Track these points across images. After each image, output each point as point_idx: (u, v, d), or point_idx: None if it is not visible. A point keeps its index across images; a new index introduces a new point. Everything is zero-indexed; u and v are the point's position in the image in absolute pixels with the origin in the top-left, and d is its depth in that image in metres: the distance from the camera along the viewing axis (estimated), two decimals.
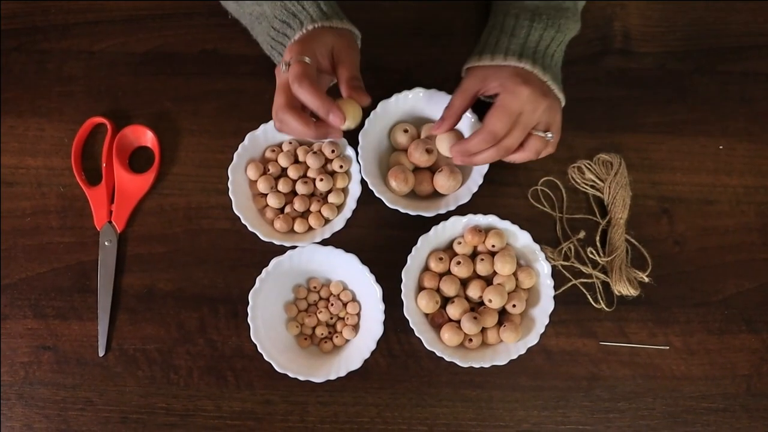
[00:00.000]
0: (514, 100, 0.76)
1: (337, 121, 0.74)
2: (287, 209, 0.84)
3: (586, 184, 0.87)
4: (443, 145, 0.83)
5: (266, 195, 0.84)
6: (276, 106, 0.75)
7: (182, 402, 0.82)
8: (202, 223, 0.86)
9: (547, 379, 0.83)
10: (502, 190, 0.86)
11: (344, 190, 0.85)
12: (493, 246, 0.81)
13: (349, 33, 0.80)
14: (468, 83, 0.80)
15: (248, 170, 0.84)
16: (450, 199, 0.84)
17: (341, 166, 0.84)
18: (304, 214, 0.84)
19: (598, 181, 0.86)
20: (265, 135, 0.85)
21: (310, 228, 0.84)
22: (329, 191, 0.85)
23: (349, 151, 0.84)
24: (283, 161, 0.85)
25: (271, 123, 0.84)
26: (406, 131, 0.85)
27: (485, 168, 0.83)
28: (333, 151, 0.84)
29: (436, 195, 0.86)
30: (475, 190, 0.83)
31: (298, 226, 0.83)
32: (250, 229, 0.82)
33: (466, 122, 0.84)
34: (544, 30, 0.80)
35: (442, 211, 0.82)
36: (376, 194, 0.82)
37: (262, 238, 0.82)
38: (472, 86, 0.80)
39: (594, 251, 0.84)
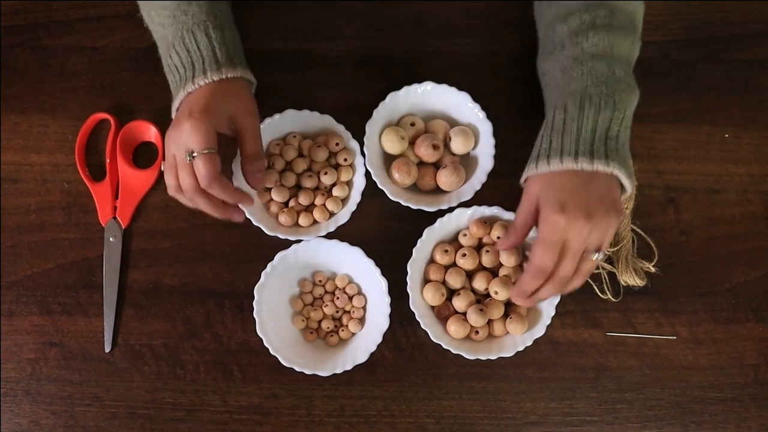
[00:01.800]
0: (553, 233, 0.71)
1: (248, 206, 0.81)
2: (292, 203, 0.84)
3: None
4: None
5: (270, 189, 0.84)
6: (186, 187, 0.75)
7: (189, 397, 0.82)
8: (206, 217, 0.85)
9: (553, 371, 0.83)
10: (506, 182, 0.86)
11: (349, 183, 0.85)
12: (499, 237, 0.81)
13: (241, 83, 0.78)
14: (527, 199, 0.75)
15: None
16: (452, 195, 0.84)
17: (345, 159, 0.84)
18: (309, 208, 0.84)
19: None
20: (268, 129, 0.85)
21: (315, 222, 0.84)
22: (333, 184, 0.84)
23: (354, 144, 0.84)
24: (287, 155, 0.84)
25: (276, 117, 0.84)
26: (413, 124, 0.85)
27: (489, 166, 0.83)
28: (337, 144, 0.84)
29: (438, 190, 0.86)
30: (478, 188, 0.83)
31: (303, 220, 0.83)
32: (254, 223, 0.82)
33: (472, 115, 0.84)
34: (598, 114, 0.74)
35: (444, 207, 0.82)
36: (379, 185, 0.82)
37: (267, 232, 0.82)
38: (530, 203, 0.75)
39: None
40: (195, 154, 0.73)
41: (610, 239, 0.74)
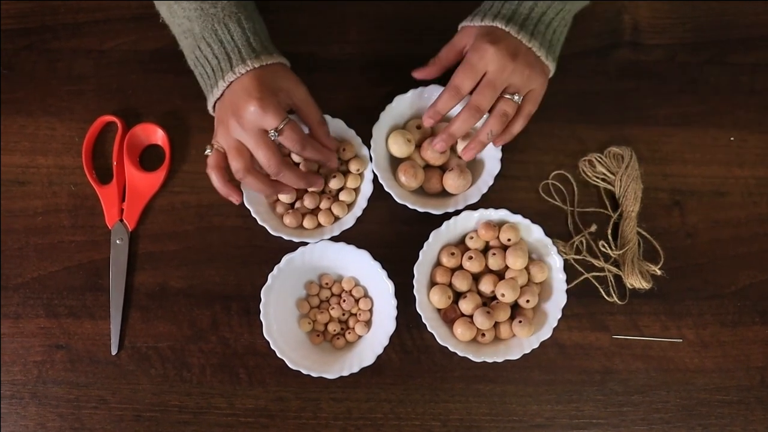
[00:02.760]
0: (479, 58, 0.78)
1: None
2: (297, 205, 0.84)
3: (597, 178, 0.86)
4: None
5: None
6: (272, 163, 0.77)
7: (195, 399, 0.82)
8: (213, 220, 0.86)
9: (560, 373, 0.83)
10: (512, 184, 0.86)
11: (356, 189, 0.85)
12: (509, 240, 0.81)
13: (280, 66, 0.80)
14: (456, 38, 0.83)
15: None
16: (459, 198, 0.84)
17: (358, 169, 0.84)
18: (314, 211, 0.84)
19: (609, 174, 0.86)
20: None
21: (319, 225, 0.84)
22: (341, 189, 0.85)
23: (365, 151, 0.84)
24: (295, 156, 0.84)
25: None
26: (419, 127, 0.85)
27: (496, 169, 0.83)
28: (343, 149, 0.84)
29: (445, 193, 0.86)
30: (485, 191, 0.83)
31: (308, 222, 0.83)
32: (259, 222, 0.82)
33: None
34: None
35: (450, 210, 0.82)
36: (385, 188, 0.82)
37: (272, 232, 0.82)
38: (458, 41, 0.83)
39: (606, 244, 0.84)
40: (279, 127, 0.76)
41: (535, 93, 0.81)
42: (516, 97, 0.79)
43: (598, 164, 0.86)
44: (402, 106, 0.86)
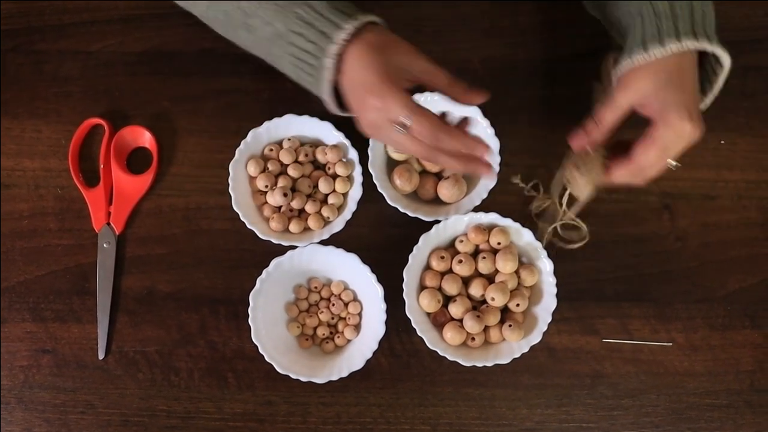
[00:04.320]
0: (679, 140, 0.70)
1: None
2: (283, 208, 0.84)
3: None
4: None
5: (265, 192, 0.84)
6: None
7: (183, 404, 0.82)
8: (201, 223, 0.85)
9: (550, 377, 0.83)
10: (503, 188, 0.85)
11: (345, 194, 0.84)
12: (499, 243, 0.81)
13: (378, 29, 0.73)
14: (626, 94, 0.71)
15: (248, 166, 0.84)
16: (451, 208, 0.84)
17: (345, 173, 0.84)
18: (301, 214, 0.84)
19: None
20: (267, 133, 0.84)
21: (307, 228, 0.83)
22: (329, 193, 0.84)
23: (353, 154, 0.84)
24: (284, 159, 0.84)
25: (274, 121, 0.84)
26: None
27: (492, 182, 0.83)
28: (327, 153, 0.83)
29: (437, 201, 0.85)
30: (478, 203, 0.83)
31: (294, 226, 0.83)
32: (248, 226, 0.81)
33: (481, 130, 0.85)
34: None
35: (441, 218, 0.82)
36: (379, 189, 0.82)
37: (260, 235, 0.81)
38: (630, 98, 0.71)
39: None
40: (407, 124, 0.68)
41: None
42: (673, 165, 0.73)
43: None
44: None
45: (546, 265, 0.81)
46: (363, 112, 0.71)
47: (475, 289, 0.81)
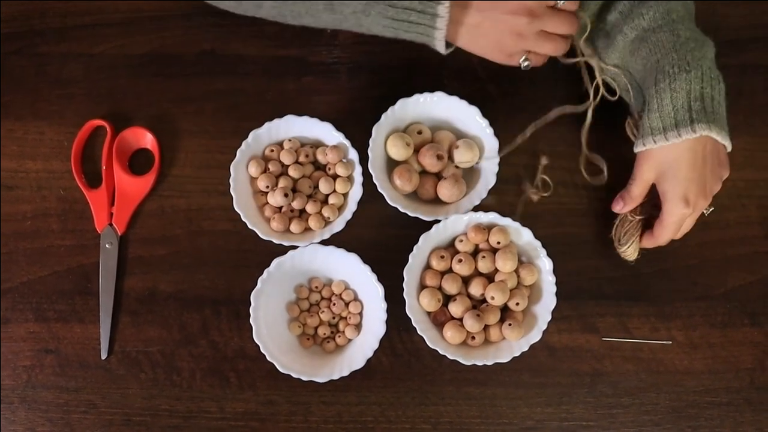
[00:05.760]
0: (680, 220, 0.79)
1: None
2: (285, 208, 0.84)
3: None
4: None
5: (266, 193, 0.84)
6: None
7: (185, 403, 0.82)
8: (203, 224, 0.86)
9: (550, 376, 0.83)
10: (502, 188, 0.86)
11: (345, 194, 0.85)
12: (498, 243, 0.81)
13: None
14: (643, 172, 0.80)
15: (250, 167, 0.84)
16: (450, 207, 0.84)
17: (345, 173, 0.84)
18: (302, 214, 0.84)
19: None
20: (268, 133, 0.85)
21: (308, 228, 0.84)
22: (329, 193, 0.85)
23: (353, 155, 0.84)
24: (285, 159, 0.84)
25: (274, 122, 0.84)
26: (420, 132, 0.85)
27: (491, 182, 0.83)
28: (328, 154, 0.84)
29: (437, 201, 0.86)
30: (477, 202, 0.83)
31: (294, 227, 0.83)
32: (249, 226, 0.82)
33: (479, 130, 0.85)
34: (674, 82, 0.76)
35: (440, 218, 0.82)
36: (379, 189, 0.82)
37: (261, 236, 0.82)
38: (647, 176, 0.80)
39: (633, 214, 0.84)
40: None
41: (718, 187, 0.81)
42: (707, 212, 0.82)
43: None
44: (405, 109, 0.85)
45: (545, 264, 0.81)
46: (504, 26, 0.76)
47: (475, 288, 0.81)
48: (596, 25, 0.83)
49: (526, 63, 0.79)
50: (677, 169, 0.77)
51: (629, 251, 0.83)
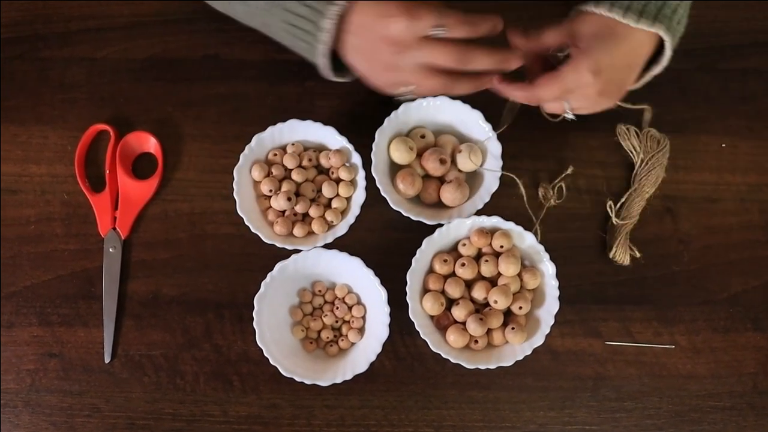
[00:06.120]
0: (576, 85, 0.75)
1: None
2: (288, 212, 0.84)
3: (630, 150, 0.87)
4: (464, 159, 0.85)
5: (270, 197, 0.84)
6: (455, 57, 0.73)
7: (189, 407, 0.82)
8: (206, 228, 0.86)
9: (553, 380, 0.83)
10: (505, 191, 0.86)
11: (348, 198, 0.85)
12: (501, 247, 0.81)
13: None
14: (568, 26, 0.76)
15: (253, 171, 0.84)
16: (453, 211, 0.84)
17: (349, 177, 0.84)
18: (305, 218, 0.84)
19: (637, 148, 0.86)
20: (271, 137, 0.85)
21: (311, 232, 0.84)
22: (333, 197, 0.85)
23: (356, 159, 0.84)
24: (288, 163, 0.85)
25: (278, 126, 0.85)
26: (423, 137, 0.85)
27: (494, 186, 0.83)
28: (331, 158, 0.84)
29: (440, 205, 0.86)
30: (480, 207, 0.83)
31: (298, 230, 0.83)
32: (252, 230, 0.82)
33: (482, 134, 0.85)
34: None
35: (443, 222, 0.82)
36: (382, 192, 0.82)
37: (264, 240, 0.82)
38: (569, 31, 0.76)
39: (612, 205, 0.84)
40: (442, 22, 0.71)
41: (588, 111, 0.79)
42: (569, 116, 0.79)
43: (634, 137, 0.86)
44: (408, 113, 0.86)
45: (548, 268, 0.81)
46: (378, 55, 0.73)
47: (478, 292, 0.81)
48: None
49: (407, 96, 0.77)
50: (618, 44, 0.74)
51: (618, 254, 0.84)
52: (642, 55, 0.78)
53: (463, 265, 0.81)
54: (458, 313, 0.80)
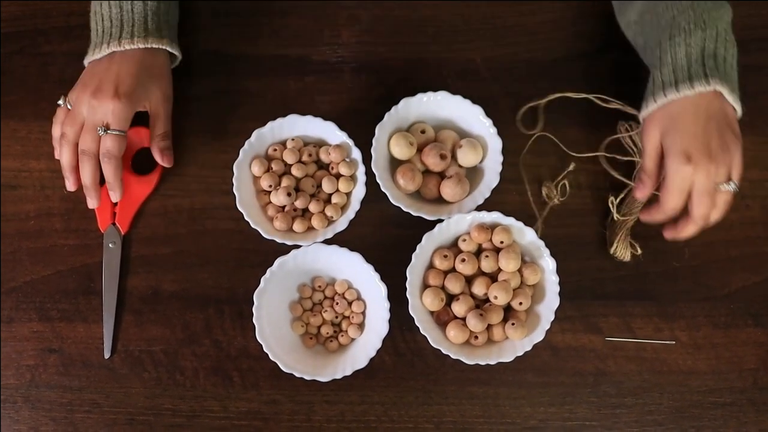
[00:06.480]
0: (683, 181, 0.75)
1: (116, 197, 0.82)
2: (288, 208, 0.84)
3: (630, 147, 0.86)
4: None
5: (269, 192, 0.84)
6: (86, 148, 0.80)
7: (188, 403, 0.82)
8: (206, 223, 0.86)
9: (553, 376, 0.83)
10: (505, 187, 0.86)
11: (348, 193, 0.85)
12: (501, 242, 0.81)
13: (164, 58, 0.84)
14: (650, 143, 0.78)
15: (253, 166, 0.84)
16: (453, 207, 0.84)
17: (348, 173, 0.84)
18: (305, 214, 0.84)
19: (638, 144, 0.85)
20: (271, 133, 0.85)
21: (311, 228, 0.84)
22: (332, 193, 0.84)
23: (356, 154, 0.84)
24: (288, 159, 0.84)
25: (277, 121, 0.84)
26: (423, 132, 0.85)
27: (495, 181, 0.83)
28: (331, 153, 0.84)
29: (440, 200, 0.86)
30: (481, 202, 0.83)
31: (297, 226, 0.83)
32: (252, 225, 0.82)
33: (483, 129, 0.85)
34: (690, 38, 0.76)
35: (443, 217, 0.82)
36: (382, 188, 0.82)
37: (264, 235, 0.82)
38: (654, 147, 0.78)
39: (613, 201, 0.84)
40: (109, 131, 0.79)
41: (738, 167, 0.77)
42: (732, 186, 0.77)
43: (634, 133, 0.86)
44: (408, 108, 0.85)
45: (549, 264, 0.81)
46: (99, 98, 0.79)
47: (478, 288, 0.81)
48: None
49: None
50: (680, 122, 0.76)
51: (618, 250, 0.84)
52: (711, 108, 0.77)
53: (463, 260, 0.81)
54: (458, 308, 0.80)
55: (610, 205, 0.84)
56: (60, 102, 0.82)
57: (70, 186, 0.82)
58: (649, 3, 0.80)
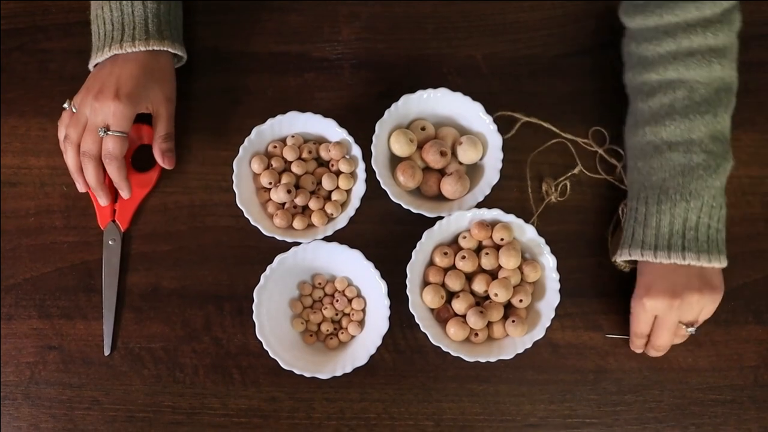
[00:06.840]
0: (642, 311, 0.79)
1: (125, 195, 0.84)
2: (288, 205, 0.84)
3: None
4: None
5: (269, 189, 0.84)
6: (87, 149, 0.80)
7: (188, 400, 0.82)
8: (206, 220, 0.86)
9: (553, 373, 0.83)
10: (506, 184, 0.86)
11: (348, 190, 0.85)
12: (502, 239, 0.81)
13: (167, 59, 0.84)
14: (639, 319, 0.80)
15: (252, 163, 0.84)
16: (454, 204, 0.84)
17: (348, 170, 0.84)
18: (305, 211, 0.84)
19: None
20: (271, 130, 0.85)
21: (311, 225, 0.84)
22: (332, 190, 0.84)
23: (356, 151, 0.84)
24: (288, 156, 0.84)
25: (278, 117, 0.84)
26: (423, 129, 0.85)
27: (495, 179, 0.83)
28: (331, 150, 0.84)
29: (440, 197, 0.86)
30: (481, 199, 0.83)
31: (297, 223, 0.83)
32: (252, 223, 0.82)
33: (483, 126, 0.85)
34: (674, 208, 0.78)
35: (444, 215, 0.82)
36: (382, 185, 0.82)
37: (264, 232, 0.82)
38: (645, 319, 0.80)
39: (623, 208, 0.84)
40: (109, 132, 0.79)
41: (706, 315, 0.79)
42: (689, 331, 0.79)
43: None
44: (408, 105, 0.85)
45: (549, 261, 0.81)
46: (101, 99, 0.80)
47: (479, 285, 0.81)
48: (633, 100, 0.83)
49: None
50: (645, 267, 0.80)
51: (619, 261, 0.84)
52: (692, 269, 0.78)
53: (463, 257, 0.81)
54: (458, 305, 0.80)
55: (620, 213, 0.84)
56: (65, 105, 0.82)
57: (81, 188, 0.83)
58: (647, 148, 0.80)
